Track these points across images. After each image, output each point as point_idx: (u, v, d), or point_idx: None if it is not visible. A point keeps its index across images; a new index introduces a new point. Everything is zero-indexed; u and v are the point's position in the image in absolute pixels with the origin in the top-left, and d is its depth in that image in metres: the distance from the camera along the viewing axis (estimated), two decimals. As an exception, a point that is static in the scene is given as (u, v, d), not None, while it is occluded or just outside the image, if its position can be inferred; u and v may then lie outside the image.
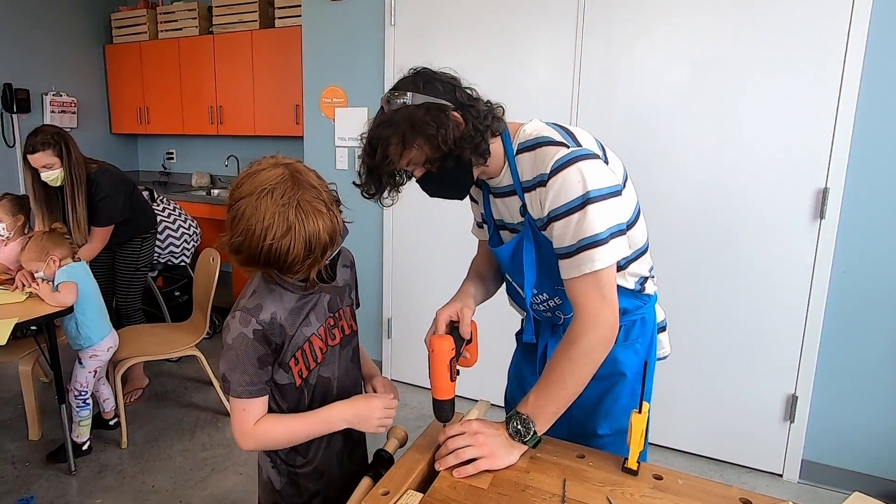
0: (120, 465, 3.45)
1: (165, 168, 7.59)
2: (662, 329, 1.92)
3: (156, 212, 4.50)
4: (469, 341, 1.74)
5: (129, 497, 3.16)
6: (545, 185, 1.53)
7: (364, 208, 4.31)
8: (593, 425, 1.74)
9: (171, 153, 7.58)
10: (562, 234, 1.52)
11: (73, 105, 6.89)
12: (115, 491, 3.21)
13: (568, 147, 1.53)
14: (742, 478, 3.43)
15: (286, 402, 1.62)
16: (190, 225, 5.00)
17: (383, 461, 1.62)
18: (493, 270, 2.03)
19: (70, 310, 3.21)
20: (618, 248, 1.51)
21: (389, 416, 1.59)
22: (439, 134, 1.49)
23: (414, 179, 1.66)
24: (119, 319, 4.24)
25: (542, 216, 1.58)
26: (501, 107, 1.65)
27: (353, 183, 1.65)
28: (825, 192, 3.07)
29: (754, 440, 3.45)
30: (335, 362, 1.68)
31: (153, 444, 3.66)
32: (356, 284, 1.82)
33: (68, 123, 6.76)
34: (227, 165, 6.88)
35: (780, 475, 3.41)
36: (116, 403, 3.69)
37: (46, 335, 3.21)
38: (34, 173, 3.62)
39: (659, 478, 1.47)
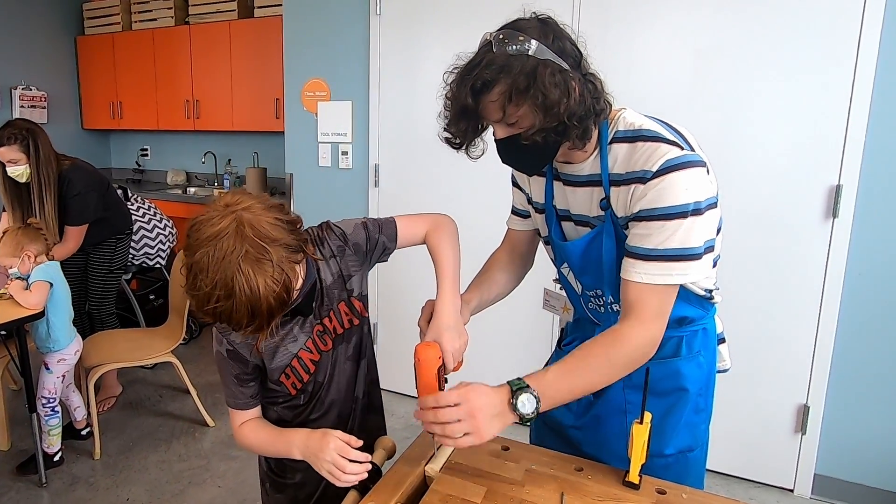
0: (93, 476, 3.42)
1: (139, 165, 7.53)
2: (722, 341, 1.84)
3: (130, 211, 4.47)
4: None
5: (103, 511, 3.14)
6: (645, 183, 1.43)
7: (350, 207, 4.31)
8: (658, 445, 1.63)
9: (146, 149, 7.52)
10: (646, 234, 1.43)
11: (42, 99, 6.82)
12: (87, 504, 3.19)
13: (682, 148, 1.44)
14: (750, 493, 3.40)
15: (281, 403, 1.69)
16: (165, 225, 4.97)
17: (370, 473, 1.60)
18: (511, 270, 1.96)
19: (42, 313, 3.18)
20: (703, 265, 1.44)
21: (339, 465, 1.45)
22: (561, 103, 1.36)
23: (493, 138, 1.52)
24: (92, 324, 4.22)
25: (626, 213, 1.49)
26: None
27: (444, 129, 1.51)
28: (838, 188, 3.03)
29: (763, 453, 3.40)
30: (329, 365, 1.68)
31: (127, 455, 3.63)
32: (364, 251, 1.72)
33: (38, 118, 6.66)
34: (203, 162, 6.84)
35: (791, 490, 3.37)
36: (89, 412, 3.66)
37: (17, 340, 3.19)
38: (3, 167, 3.60)
39: (662, 492, 1.45)
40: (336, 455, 1.45)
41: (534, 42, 1.36)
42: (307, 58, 4.37)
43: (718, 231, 1.59)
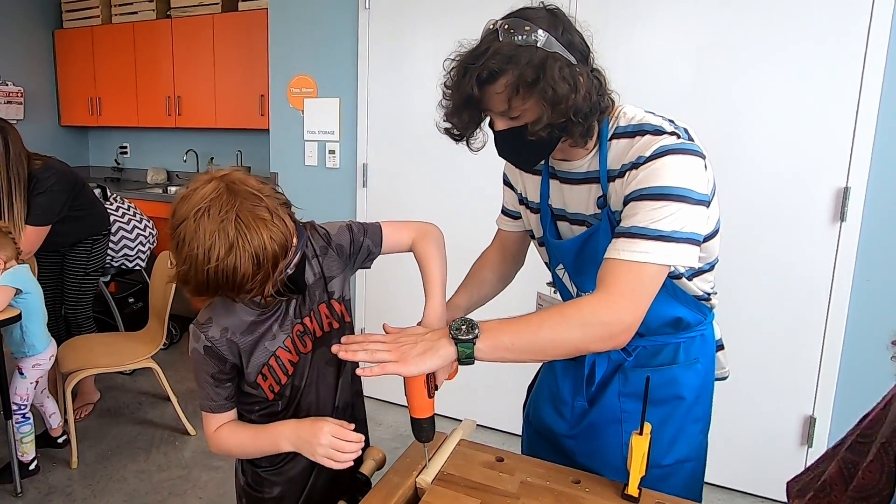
0: (69, 486, 3.39)
1: (118, 163, 7.49)
2: (720, 347, 1.84)
3: (108, 211, 4.44)
4: None
5: (79, 523, 3.12)
6: (638, 168, 1.42)
7: (337, 208, 4.30)
8: (655, 455, 1.58)
9: (125, 147, 7.48)
10: (632, 214, 1.40)
11: (19, 95, 6.79)
12: (63, 516, 3.16)
13: (679, 137, 1.43)
14: (754, 508, 3.39)
15: (257, 411, 1.67)
16: (146, 225, 4.94)
17: (359, 485, 1.59)
18: (501, 270, 1.96)
19: (18, 317, 3.16)
20: (685, 254, 1.39)
21: (337, 447, 1.46)
22: (569, 98, 1.35)
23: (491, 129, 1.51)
24: (68, 328, 4.19)
25: (620, 206, 1.47)
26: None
27: (444, 119, 1.50)
28: (846, 191, 3.01)
29: (768, 467, 3.37)
30: (306, 369, 1.66)
31: (105, 465, 3.60)
32: (348, 254, 1.73)
33: (14, 115, 6.65)
34: (185, 161, 6.81)
35: (798, 507, 3.34)
36: (66, 420, 3.63)
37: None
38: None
39: (662, 506, 1.43)
40: (332, 438, 1.45)
41: (542, 33, 1.35)
42: (293, 53, 4.35)
43: (716, 234, 1.59)
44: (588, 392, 1.70)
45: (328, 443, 1.45)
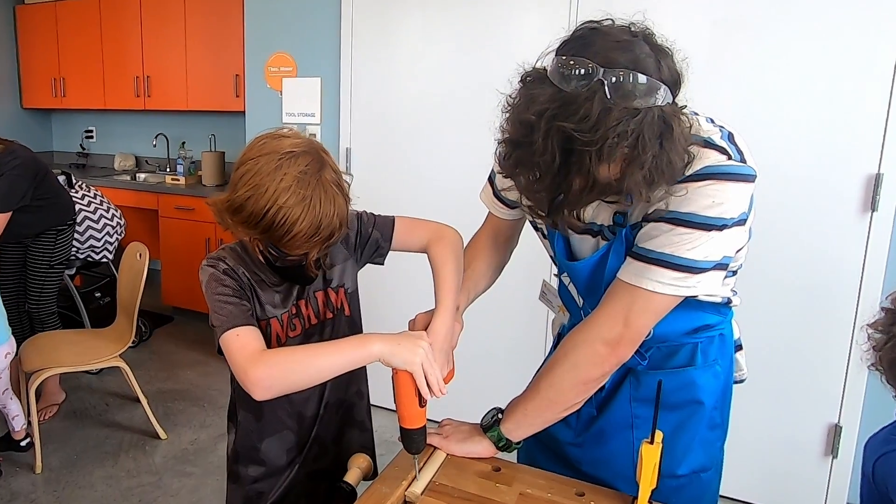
0: (34, 492, 3.37)
1: (84, 148, 7.47)
2: (739, 348, 1.80)
3: (74, 199, 4.40)
4: None
5: (43, 532, 3.09)
6: (672, 185, 1.32)
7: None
8: (670, 465, 1.53)
9: (91, 131, 7.46)
10: (654, 236, 1.37)
11: (-24, 75, 6.76)
12: (26, 524, 3.14)
13: (729, 157, 1.34)
14: (774, 523, 3.37)
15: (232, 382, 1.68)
16: (113, 215, 4.90)
17: (345, 495, 1.56)
18: (496, 259, 1.92)
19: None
20: (708, 283, 1.39)
21: (431, 363, 1.44)
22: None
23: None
24: (31, 324, 4.17)
25: (639, 219, 1.43)
26: None
27: (527, 197, 1.36)
28: (878, 178, 2.95)
29: (789, 478, 3.32)
30: None
31: (71, 470, 3.57)
32: (354, 244, 1.76)
33: (-29, 97, 6.63)
34: (155, 146, 6.76)
35: (822, 520, 3.30)
36: (29, 422, 3.61)
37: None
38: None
39: (675, 520, 1.41)
40: (428, 351, 1.45)
41: (662, 88, 1.24)
42: (271, 29, 4.31)
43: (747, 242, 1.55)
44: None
45: (427, 351, 1.44)
